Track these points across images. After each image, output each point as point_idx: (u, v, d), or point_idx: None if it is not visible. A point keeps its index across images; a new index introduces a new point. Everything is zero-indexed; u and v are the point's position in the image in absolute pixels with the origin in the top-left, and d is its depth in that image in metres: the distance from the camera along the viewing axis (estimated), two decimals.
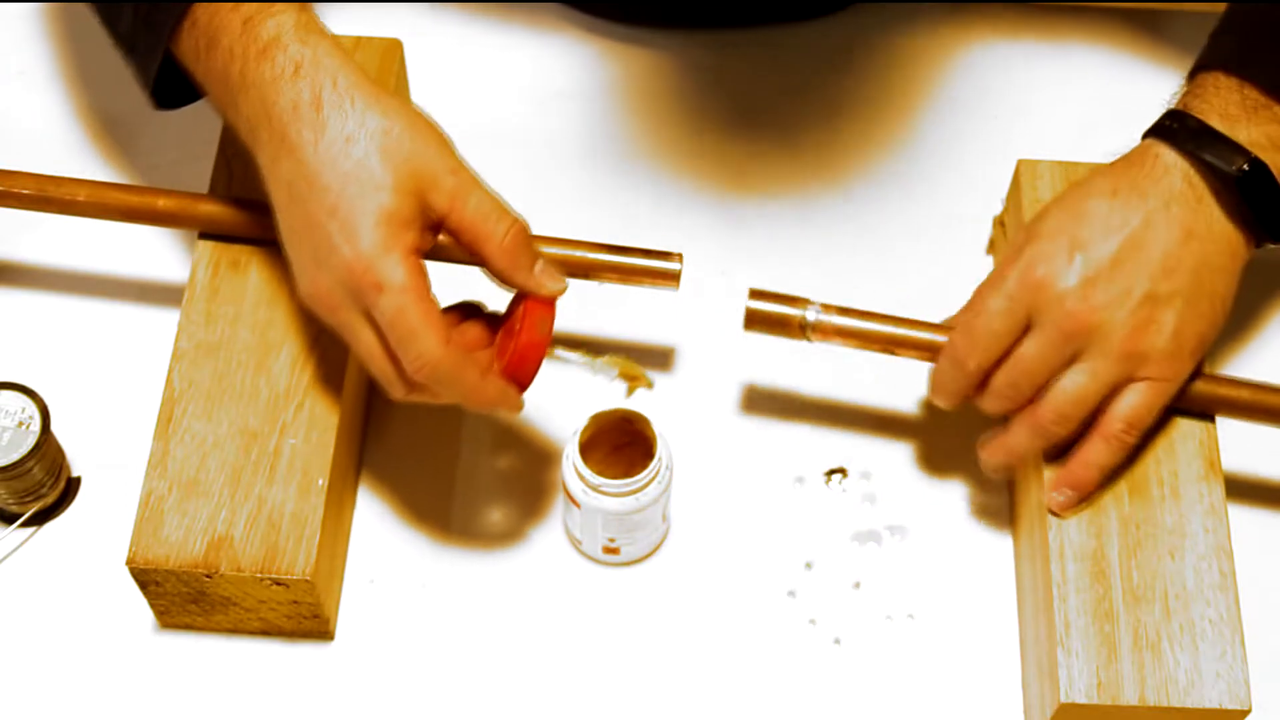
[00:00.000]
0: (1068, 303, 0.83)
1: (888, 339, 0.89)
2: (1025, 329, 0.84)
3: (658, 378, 0.98)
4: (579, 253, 0.90)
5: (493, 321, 0.84)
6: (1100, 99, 1.08)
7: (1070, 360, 0.84)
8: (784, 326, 0.89)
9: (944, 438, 0.96)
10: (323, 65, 0.79)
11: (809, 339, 0.89)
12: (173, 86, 0.86)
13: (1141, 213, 0.83)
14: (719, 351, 0.98)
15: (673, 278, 0.91)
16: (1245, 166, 0.82)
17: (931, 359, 0.89)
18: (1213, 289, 0.84)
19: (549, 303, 0.82)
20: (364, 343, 0.79)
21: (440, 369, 0.78)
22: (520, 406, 0.83)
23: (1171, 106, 0.86)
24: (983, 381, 0.86)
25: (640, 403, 0.88)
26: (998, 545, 0.93)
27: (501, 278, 0.81)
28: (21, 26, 1.08)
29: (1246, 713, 0.82)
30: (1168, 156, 0.84)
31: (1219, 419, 0.89)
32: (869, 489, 0.95)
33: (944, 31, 1.10)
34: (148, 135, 1.04)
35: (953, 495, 0.95)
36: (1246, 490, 0.94)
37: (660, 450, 0.87)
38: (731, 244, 1.02)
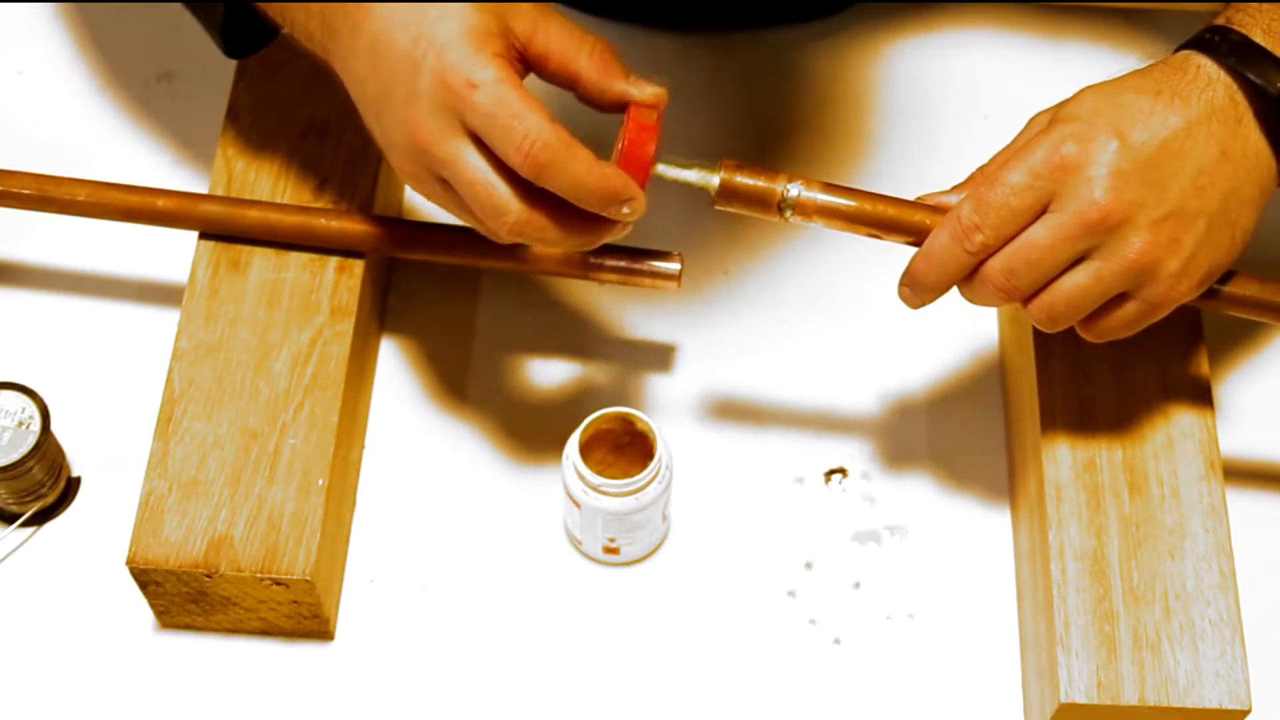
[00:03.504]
0: (1096, 191, 0.77)
1: (876, 219, 0.81)
2: (1038, 214, 0.78)
3: (658, 377, 0.98)
4: (579, 252, 0.90)
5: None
6: None
7: (1076, 259, 0.79)
8: (762, 204, 0.80)
9: (944, 438, 0.96)
10: None
11: (787, 219, 0.81)
12: (239, 35, 0.86)
13: (1184, 118, 0.79)
14: (719, 351, 0.98)
15: (673, 278, 0.91)
16: None
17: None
18: (1236, 219, 0.80)
19: (652, 112, 0.79)
20: (470, 165, 0.76)
21: (554, 147, 0.75)
22: (642, 202, 0.78)
23: (1209, 24, 0.82)
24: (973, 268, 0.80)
25: (640, 403, 0.88)
26: (998, 545, 0.93)
27: (597, 91, 0.79)
28: (21, 26, 1.08)
29: (1246, 713, 0.82)
30: (1210, 69, 0.80)
31: (1218, 417, 0.89)
32: (869, 489, 0.95)
33: (944, 31, 1.10)
34: (148, 135, 1.04)
35: (953, 495, 0.95)
36: (1247, 490, 0.94)
37: (660, 450, 0.87)
38: (731, 244, 1.02)
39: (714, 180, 0.81)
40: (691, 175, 0.81)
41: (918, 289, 0.82)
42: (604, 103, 0.79)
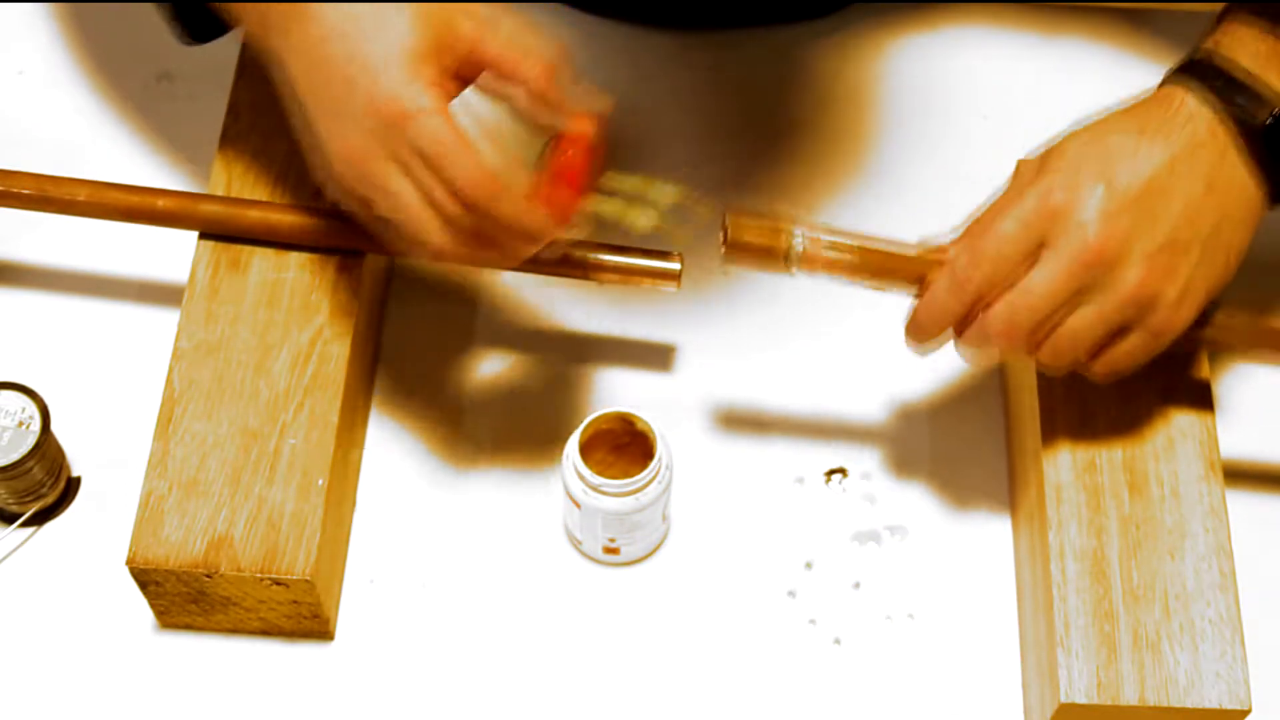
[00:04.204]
0: (1088, 234, 0.79)
1: (881, 268, 0.83)
2: (1032, 261, 0.80)
3: (658, 377, 0.98)
4: (579, 252, 0.90)
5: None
6: (1099, 98, 1.08)
7: (1074, 300, 0.80)
8: (769, 257, 0.83)
9: (944, 438, 0.96)
10: None
11: (791, 272, 0.83)
12: (197, 21, 0.85)
13: (1168, 155, 0.80)
14: (719, 351, 0.98)
15: (673, 278, 0.91)
16: (1273, 115, 0.80)
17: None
18: (1229, 241, 0.81)
19: (586, 134, 0.79)
20: (396, 192, 0.77)
21: (483, 186, 0.76)
22: (564, 233, 0.80)
23: (1198, 47, 0.83)
24: (969, 317, 0.82)
25: (640, 403, 0.88)
26: (998, 545, 0.93)
27: (532, 109, 0.79)
28: (21, 26, 1.08)
29: (1246, 713, 0.82)
30: (1193, 102, 0.81)
31: (1217, 418, 0.89)
32: (869, 489, 0.95)
33: (944, 31, 1.10)
34: (148, 135, 1.04)
35: (953, 495, 0.95)
36: (1247, 490, 0.94)
37: (660, 450, 0.87)
38: None
39: (641, 219, 0.83)
40: (634, 194, 0.83)
41: (920, 337, 0.84)
42: (544, 121, 0.80)
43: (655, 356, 0.98)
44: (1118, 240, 0.79)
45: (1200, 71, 0.82)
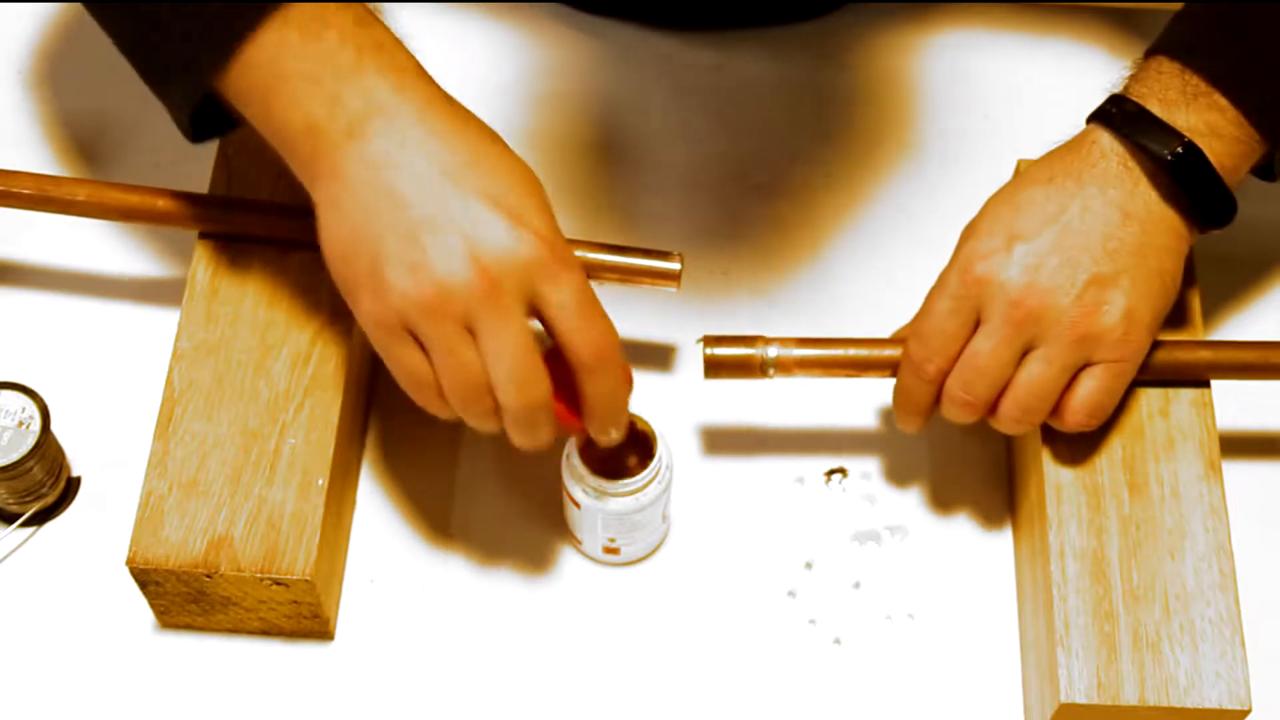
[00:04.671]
0: (1011, 293, 0.82)
1: (850, 362, 0.89)
2: (972, 331, 0.84)
3: (658, 377, 0.98)
4: (579, 252, 0.90)
5: None
6: (1099, 99, 1.08)
7: (1023, 354, 0.83)
8: (746, 369, 0.88)
9: (944, 438, 0.96)
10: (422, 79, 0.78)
11: (770, 376, 0.88)
12: (206, 117, 0.81)
13: (1078, 199, 0.83)
14: None
15: (673, 278, 0.91)
16: (1179, 150, 0.82)
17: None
18: (1160, 267, 0.83)
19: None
20: (517, 332, 0.76)
21: (612, 350, 0.78)
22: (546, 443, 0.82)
23: (1114, 91, 0.86)
24: (938, 394, 0.86)
25: (641, 403, 0.88)
26: (998, 545, 0.93)
27: (585, 373, 0.79)
28: (21, 26, 1.08)
29: (1246, 713, 0.82)
30: (1105, 141, 0.84)
31: (1219, 417, 0.89)
32: (869, 489, 0.95)
33: (944, 31, 1.10)
34: (148, 135, 1.04)
35: (953, 495, 0.95)
36: (1247, 490, 0.94)
37: (660, 450, 0.87)
38: (731, 244, 1.02)
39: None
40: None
41: (904, 421, 0.89)
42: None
43: (655, 356, 0.99)
44: (1041, 290, 0.82)
45: (1111, 115, 0.85)
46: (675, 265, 0.91)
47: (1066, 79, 1.08)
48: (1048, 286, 0.82)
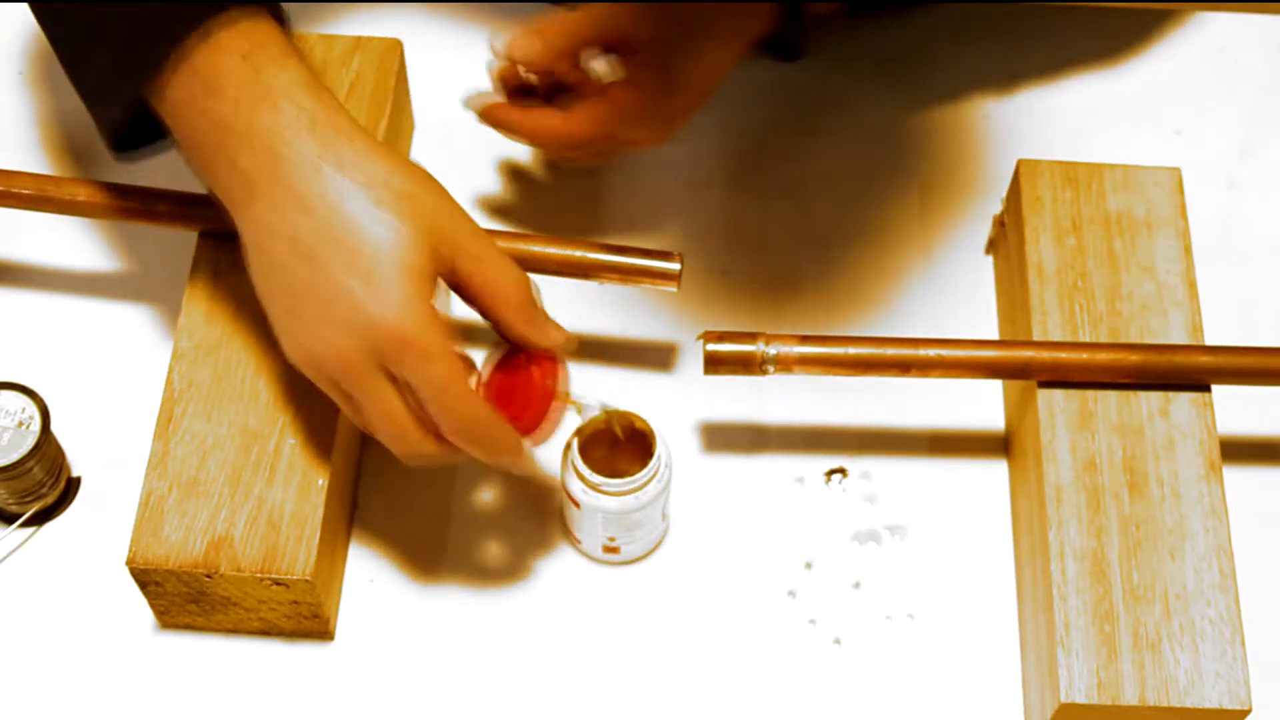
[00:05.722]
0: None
1: (851, 361, 0.88)
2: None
3: (658, 378, 0.98)
4: (579, 252, 0.90)
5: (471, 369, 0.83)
6: (1099, 98, 1.08)
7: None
8: (746, 365, 0.88)
9: (944, 438, 0.96)
10: (339, 123, 0.77)
11: (770, 373, 0.89)
12: (133, 132, 0.83)
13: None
14: None
15: (673, 278, 0.91)
16: None
17: (898, 374, 0.89)
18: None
19: (553, 357, 0.82)
20: (383, 402, 0.77)
21: (483, 428, 0.78)
22: (532, 464, 0.83)
23: None
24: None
25: (640, 402, 0.88)
26: (998, 545, 0.93)
27: (513, 335, 0.81)
28: (21, 26, 1.08)
29: (1246, 713, 0.82)
30: None
31: (1218, 418, 0.89)
32: (869, 489, 0.95)
33: (944, 31, 1.10)
34: None
35: (953, 495, 0.95)
36: (1247, 490, 0.94)
37: (659, 449, 0.87)
38: (731, 244, 1.02)
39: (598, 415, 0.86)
40: (595, 412, 0.86)
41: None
42: (513, 343, 0.81)
43: (655, 356, 0.98)
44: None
45: None
46: (675, 265, 0.91)
47: (1066, 79, 1.08)
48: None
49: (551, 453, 0.94)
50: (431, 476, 0.94)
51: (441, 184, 0.80)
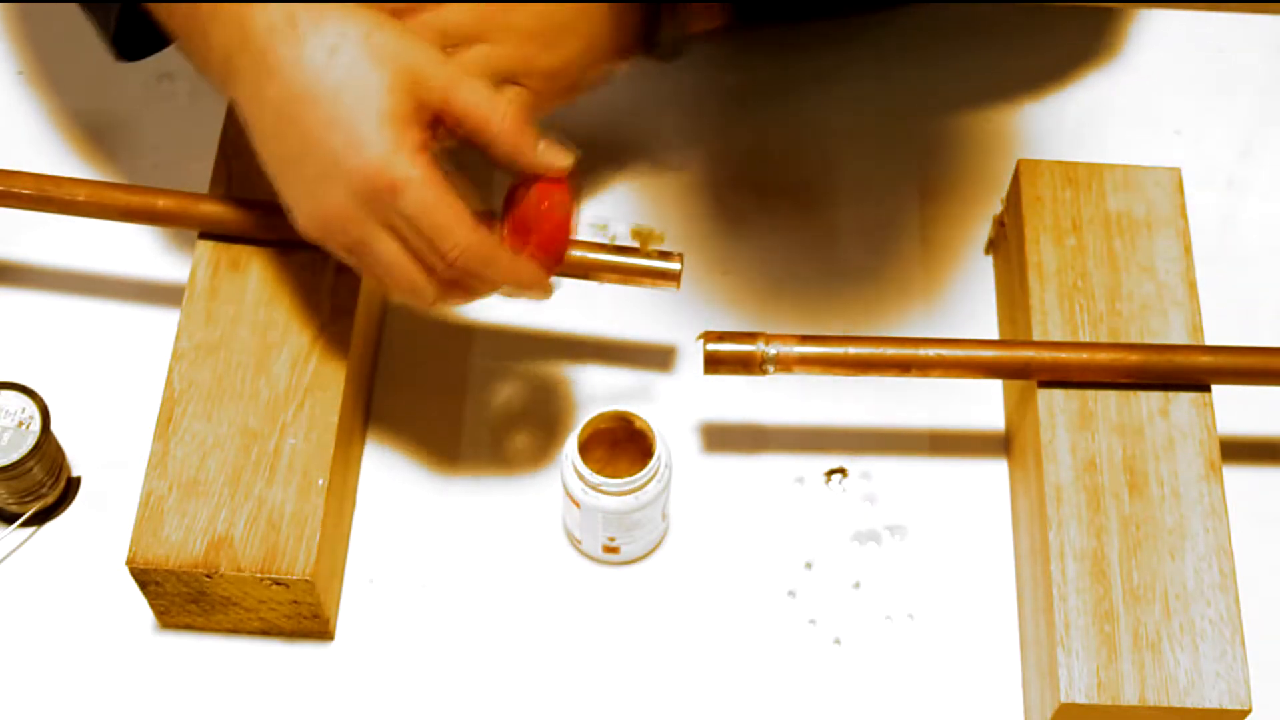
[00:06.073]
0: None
1: (851, 361, 0.89)
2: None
3: (658, 378, 0.98)
4: (579, 252, 0.90)
5: (490, 218, 0.83)
6: (1099, 98, 1.08)
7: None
8: (745, 365, 0.89)
9: (944, 438, 0.96)
10: None
11: (770, 373, 0.89)
12: (133, 37, 0.85)
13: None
14: None
15: (673, 278, 0.91)
16: None
17: (898, 374, 0.89)
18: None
19: (561, 180, 0.82)
20: (385, 252, 0.78)
21: (479, 252, 0.78)
22: (552, 289, 0.83)
23: None
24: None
25: (640, 402, 0.89)
26: (998, 545, 0.93)
27: (507, 160, 0.81)
28: (21, 27, 1.08)
29: (1246, 713, 0.82)
30: None
31: (1218, 417, 0.89)
32: (869, 489, 0.95)
33: (944, 31, 1.10)
34: (148, 135, 1.04)
35: (953, 495, 0.95)
36: (1247, 490, 0.94)
37: (659, 449, 0.87)
38: (731, 244, 1.02)
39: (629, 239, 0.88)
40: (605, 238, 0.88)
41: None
42: (514, 170, 0.81)
43: (655, 356, 0.98)
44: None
45: None
46: (675, 265, 0.91)
47: (1066, 79, 1.08)
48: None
49: (550, 452, 0.94)
50: (431, 476, 0.94)
51: (397, 21, 0.80)
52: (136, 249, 1.00)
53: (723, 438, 0.96)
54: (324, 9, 0.78)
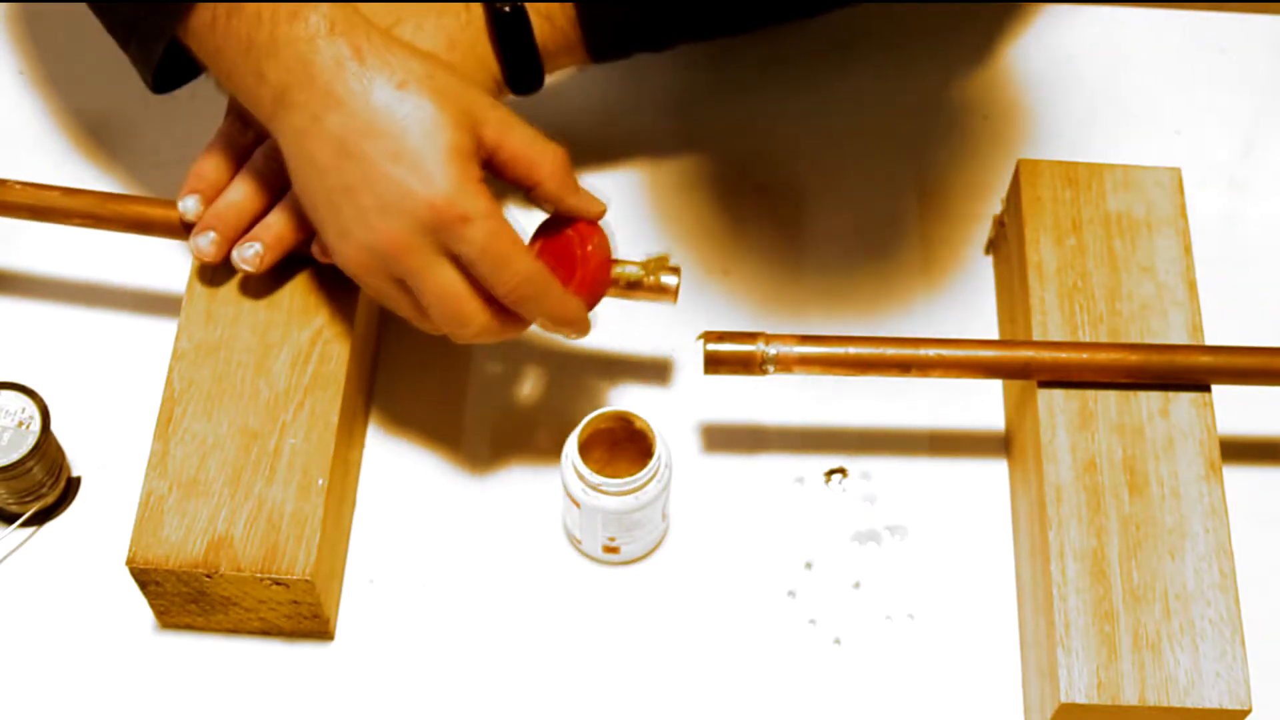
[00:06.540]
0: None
1: (851, 361, 0.89)
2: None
3: (658, 377, 0.98)
4: None
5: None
6: (1099, 98, 1.08)
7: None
8: (745, 365, 0.89)
9: (944, 438, 0.96)
10: (355, 22, 0.80)
11: (769, 373, 0.89)
12: (168, 70, 0.86)
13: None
14: None
15: (670, 293, 0.90)
16: (507, 10, 0.90)
17: (898, 374, 0.89)
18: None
19: (594, 224, 0.85)
20: (442, 281, 0.81)
21: (538, 281, 0.81)
22: (590, 327, 0.86)
23: None
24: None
25: (639, 402, 0.89)
26: (998, 545, 0.93)
27: (552, 200, 0.84)
28: (21, 26, 1.08)
29: (1246, 713, 0.82)
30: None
31: (1218, 417, 0.89)
32: (869, 489, 0.95)
33: (944, 31, 1.10)
34: (147, 135, 1.04)
35: (953, 495, 0.95)
36: (1247, 490, 0.94)
37: (659, 449, 0.87)
38: (731, 244, 1.02)
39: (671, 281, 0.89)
40: (638, 272, 0.90)
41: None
42: (556, 212, 0.85)
43: (655, 357, 0.98)
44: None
45: None
46: (673, 280, 0.90)
47: (1066, 79, 1.08)
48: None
49: (551, 453, 0.94)
50: (432, 477, 0.94)
51: (453, 65, 0.84)
52: (137, 250, 1.00)
53: (723, 438, 0.96)
54: (389, 46, 0.80)
